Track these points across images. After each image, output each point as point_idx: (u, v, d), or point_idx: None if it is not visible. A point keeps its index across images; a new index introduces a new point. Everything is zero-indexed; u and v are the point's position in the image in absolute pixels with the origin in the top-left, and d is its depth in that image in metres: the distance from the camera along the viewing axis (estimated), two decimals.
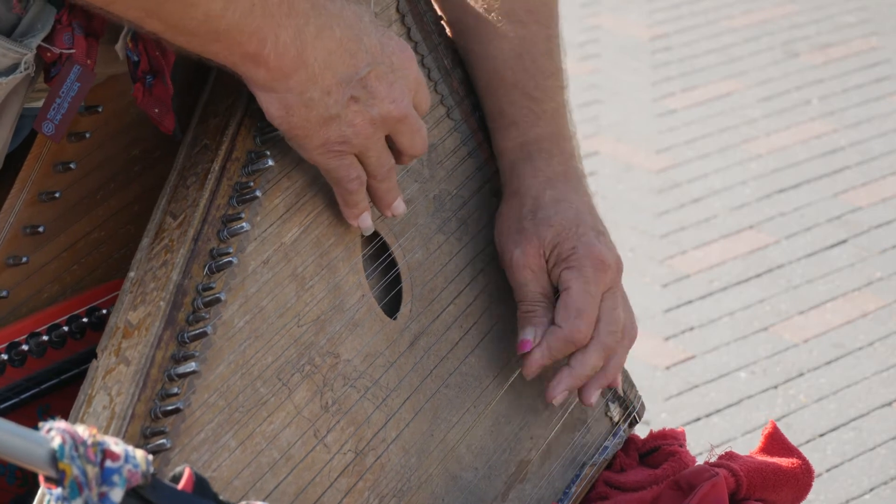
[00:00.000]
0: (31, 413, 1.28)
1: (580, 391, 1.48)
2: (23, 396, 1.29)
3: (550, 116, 1.53)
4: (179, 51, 1.25)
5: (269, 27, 1.23)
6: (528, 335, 1.45)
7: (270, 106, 1.27)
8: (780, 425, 3.13)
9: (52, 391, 1.30)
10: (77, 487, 0.82)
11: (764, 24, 5.17)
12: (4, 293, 1.31)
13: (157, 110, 1.27)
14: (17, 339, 1.30)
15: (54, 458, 0.83)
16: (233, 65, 1.25)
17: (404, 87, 1.31)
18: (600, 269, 1.45)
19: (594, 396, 1.48)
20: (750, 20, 5.20)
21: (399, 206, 1.38)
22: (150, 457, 0.86)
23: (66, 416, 1.09)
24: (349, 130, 1.29)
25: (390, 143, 1.34)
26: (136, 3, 1.19)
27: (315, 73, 1.26)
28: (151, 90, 1.26)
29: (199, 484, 0.87)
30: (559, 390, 1.46)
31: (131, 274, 1.24)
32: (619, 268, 1.47)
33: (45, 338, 1.30)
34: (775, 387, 3.32)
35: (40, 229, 1.33)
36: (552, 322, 1.45)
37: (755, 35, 5.09)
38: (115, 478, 0.83)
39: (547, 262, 1.47)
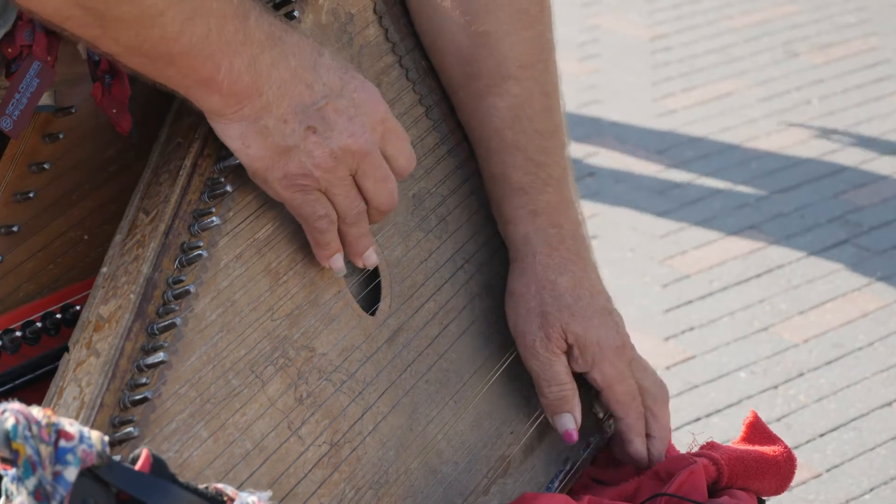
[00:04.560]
0: None
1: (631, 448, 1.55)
2: None
3: (557, 182, 1.53)
4: (136, 74, 1.25)
5: (223, 53, 1.23)
6: (570, 425, 1.50)
7: (227, 139, 1.28)
8: (779, 425, 3.15)
9: (26, 386, 1.31)
10: (31, 467, 0.83)
11: (764, 24, 5.17)
12: None
13: (114, 111, 1.28)
14: None
15: (8, 438, 0.84)
16: (186, 90, 1.25)
17: (366, 122, 1.31)
18: (621, 354, 1.52)
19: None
20: (750, 20, 5.20)
21: (371, 257, 1.37)
22: (106, 437, 0.86)
23: None
24: (309, 162, 1.28)
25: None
26: (91, 22, 1.19)
27: (269, 101, 1.26)
28: (110, 90, 1.28)
29: (157, 464, 0.88)
30: (655, 458, 1.54)
31: (104, 269, 1.25)
32: (627, 336, 1.54)
33: (18, 334, 1.31)
34: (775, 387, 3.32)
35: (15, 229, 1.33)
36: (580, 401, 1.51)
37: (755, 35, 5.10)
38: (70, 457, 0.84)
39: (569, 346, 1.51)
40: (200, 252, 1.26)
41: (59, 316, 1.34)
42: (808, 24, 5.17)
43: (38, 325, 1.32)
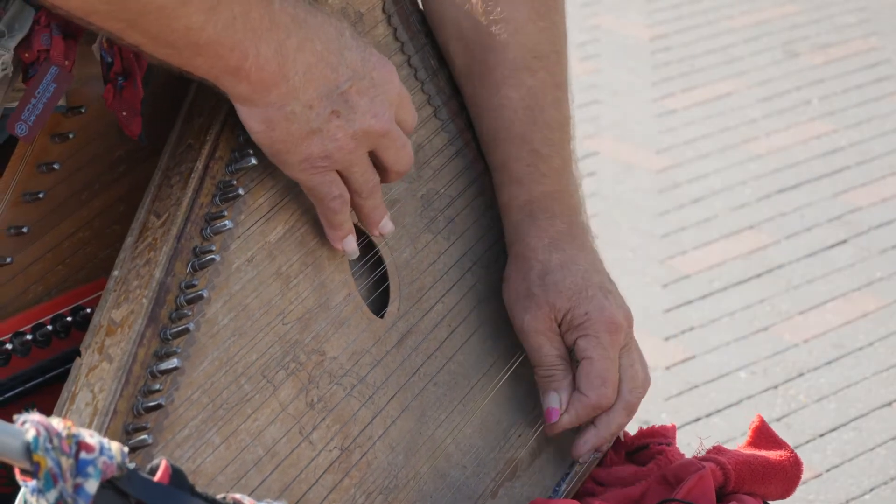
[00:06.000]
0: (16, 412, 1.28)
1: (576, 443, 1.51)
2: (7, 395, 1.29)
3: (556, 174, 1.53)
4: (163, 65, 1.26)
5: (249, 41, 1.23)
6: (554, 403, 1.48)
7: (251, 120, 1.28)
8: (779, 425, 3.16)
9: (38, 390, 1.30)
10: (52, 479, 0.82)
11: (764, 24, 5.17)
12: None
13: (124, 113, 1.28)
14: (1, 339, 1.30)
15: (28, 450, 0.83)
16: (214, 79, 1.26)
17: (385, 101, 1.32)
18: (614, 332, 1.48)
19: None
20: (750, 20, 5.20)
21: (387, 225, 1.38)
22: (126, 448, 0.86)
23: (50, 415, 1.09)
24: (332, 145, 1.29)
25: (375, 160, 1.34)
26: (116, 15, 1.20)
27: (296, 87, 1.27)
28: (121, 93, 1.27)
29: (176, 476, 0.87)
30: (585, 449, 1.50)
31: (115, 272, 1.24)
32: (630, 323, 1.50)
33: (29, 337, 1.31)
34: (775, 387, 3.32)
35: (24, 230, 1.33)
36: (572, 383, 1.48)
37: (755, 35, 5.10)
38: (90, 469, 0.84)
39: (559, 325, 1.49)
40: (213, 256, 1.26)
41: (69, 318, 1.33)
42: (808, 24, 5.17)
43: (49, 327, 1.32)
